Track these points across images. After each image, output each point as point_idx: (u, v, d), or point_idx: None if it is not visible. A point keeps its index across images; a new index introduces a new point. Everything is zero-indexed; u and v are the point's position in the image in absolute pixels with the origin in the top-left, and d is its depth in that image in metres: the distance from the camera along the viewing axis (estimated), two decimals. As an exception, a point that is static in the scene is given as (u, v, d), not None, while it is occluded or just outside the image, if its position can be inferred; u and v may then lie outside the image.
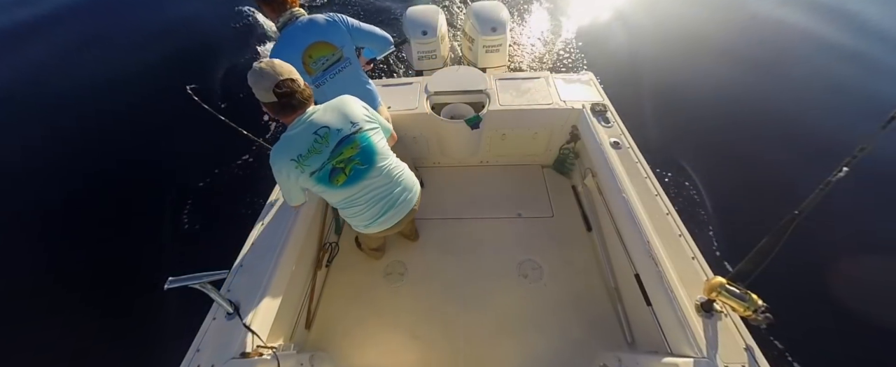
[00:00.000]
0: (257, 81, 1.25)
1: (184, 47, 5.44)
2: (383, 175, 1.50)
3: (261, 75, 1.25)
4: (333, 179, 1.39)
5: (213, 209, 3.46)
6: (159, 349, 2.54)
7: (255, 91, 1.28)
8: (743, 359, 1.21)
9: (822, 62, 4.86)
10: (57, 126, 4.37)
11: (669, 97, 4.50)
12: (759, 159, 3.68)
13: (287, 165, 1.34)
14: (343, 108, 1.42)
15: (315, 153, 1.33)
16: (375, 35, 1.92)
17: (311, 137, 1.33)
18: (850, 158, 0.95)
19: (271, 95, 1.25)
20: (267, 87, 1.24)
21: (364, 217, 1.56)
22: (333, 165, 1.37)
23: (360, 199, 1.50)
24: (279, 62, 1.27)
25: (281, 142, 1.36)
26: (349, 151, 1.38)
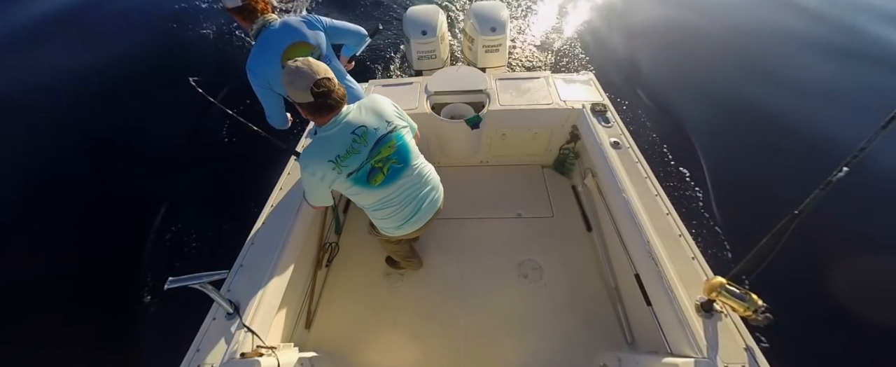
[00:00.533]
0: (293, 81, 1.20)
1: (183, 46, 5.43)
2: (416, 174, 1.48)
3: (297, 74, 1.20)
4: (372, 180, 1.36)
5: (213, 209, 3.46)
6: (159, 349, 2.53)
7: (289, 91, 1.23)
8: (743, 359, 1.21)
9: (822, 62, 4.86)
10: (56, 125, 4.36)
11: (670, 97, 4.50)
12: (759, 159, 3.68)
13: (323, 167, 1.29)
14: (376, 107, 1.39)
15: (354, 153, 1.30)
16: (349, 30, 1.95)
17: (349, 138, 1.30)
18: (850, 158, 0.95)
19: (308, 95, 1.20)
20: (304, 86, 1.19)
21: (397, 218, 1.52)
22: (372, 164, 1.34)
23: (394, 199, 1.46)
24: (314, 61, 1.23)
25: (316, 144, 1.31)
26: (386, 151, 1.36)
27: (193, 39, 5.44)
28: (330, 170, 1.29)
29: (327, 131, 1.29)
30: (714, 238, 2.96)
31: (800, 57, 4.99)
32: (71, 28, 5.95)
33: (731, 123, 4.08)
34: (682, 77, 4.80)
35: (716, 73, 4.86)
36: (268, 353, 1.34)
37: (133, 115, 4.44)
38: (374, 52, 5.50)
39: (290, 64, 1.21)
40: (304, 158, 1.33)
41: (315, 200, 1.47)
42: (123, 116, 4.45)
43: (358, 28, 1.98)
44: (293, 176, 2.10)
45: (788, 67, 4.83)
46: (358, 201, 1.48)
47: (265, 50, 1.67)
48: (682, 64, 5.04)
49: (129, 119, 4.40)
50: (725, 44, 5.38)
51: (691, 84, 4.68)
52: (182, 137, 4.03)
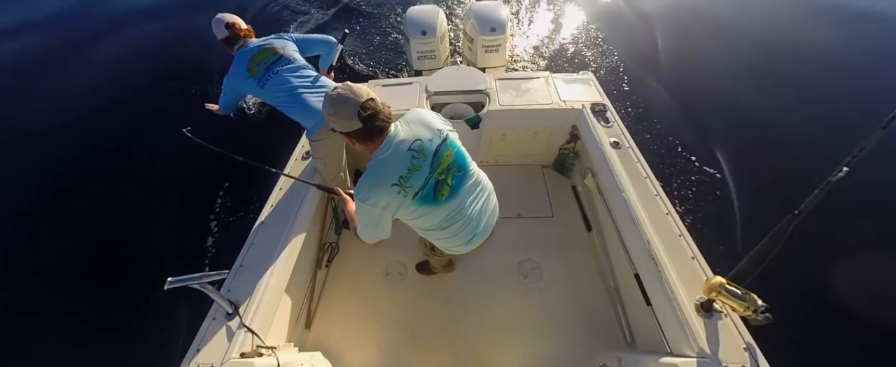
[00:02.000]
0: (339, 111, 1.11)
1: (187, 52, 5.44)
2: (474, 180, 1.38)
3: (342, 102, 1.10)
4: (438, 195, 1.25)
5: (213, 210, 3.46)
6: (159, 349, 2.53)
7: (335, 122, 1.14)
8: (743, 359, 1.21)
9: (823, 62, 4.86)
10: (57, 126, 4.37)
11: (670, 96, 4.50)
12: (759, 159, 3.67)
13: (387, 194, 1.18)
14: (422, 118, 1.29)
15: (416, 170, 1.20)
16: (318, 40, 2.18)
17: (407, 155, 1.19)
18: (850, 158, 0.95)
19: (356, 122, 1.11)
20: (350, 113, 1.10)
21: (467, 232, 1.39)
22: (436, 178, 1.24)
23: (461, 212, 1.34)
24: (354, 84, 1.15)
25: (373, 171, 1.19)
26: (446, 160, 1.27)
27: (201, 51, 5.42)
28: (395, 195, 1.18)
29: (382, 155, 1.19)
30: (714, 238, 2.96)
31: (801, 57, 4.98)
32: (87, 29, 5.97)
33: (731, 122, 4.08)
34: (682, 76, 4.80)
35: (716, 72, 4.86)
36: (268, 353, 1.34)
37: (134, 118, 4.44)
38: (374, 52, 5.51)
39: (329, 94, 1.13)
40: (364, 190, 1.19)
41: (374, 235, 1.30)
42: (124, 118, 4.46)
43: (326, 37, 2.19)
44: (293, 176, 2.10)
45: (789, 66, 4.83)
46: (423, 224, 1.34)
47: (237, 64, 1.96)
48: (682, 63, 5.04)
49: (130, 122, 4.40)
50: (726, 42, 5.38)
51: (692, 83, 4.68)
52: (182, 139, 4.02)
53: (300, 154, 2.24)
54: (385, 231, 1.31)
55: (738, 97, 4.41)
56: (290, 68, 1.99)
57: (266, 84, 1.94)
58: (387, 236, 1.32)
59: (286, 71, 1.97)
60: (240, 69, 1.94)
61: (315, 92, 2.00)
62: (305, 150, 2.24)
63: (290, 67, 1.99)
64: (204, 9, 6.05)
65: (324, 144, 2.03)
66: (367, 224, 1.28)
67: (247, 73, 1.93)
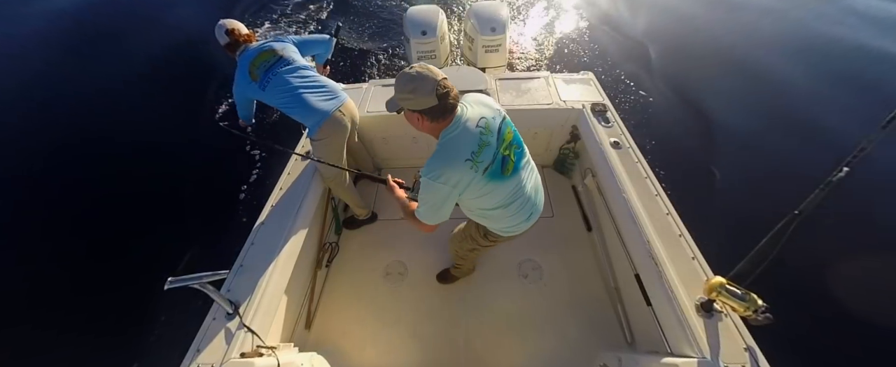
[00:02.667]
0: (418, 87, 1.13)
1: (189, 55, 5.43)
2: (528, 158, 1.42)
3: (422, 79, 1.12)
4: (505, 169, 1.28)
5: (213, 210, 3.46)
6: (159, 349, 2.54)
7: (410, 99, 1.15)
8: (743, 359, 1.21)
9: (823, 62, 4.86)
10: (58, 126, 4.36)
11: (670, 96, 4.50)
12: (759, 159, 3.67)
13: (461, 170, 1.19)
14: (480, 99, 1.34)
15: (486, 146, 1.23)
16: (316, 40, 2.25)
17: (476, 132, 1.22)
18: (850, 158, 0.95)
19: (433, 98, 1.13)
20: (429, 90, 1.12)
21: (525, 210, 1.43)
22: (503, 153, 1.28)
23: (523, 188, 1.38)
24: (426, 64, 1.18)
25: (445, 149, 1.21)
26: (508, 136, 1.32)
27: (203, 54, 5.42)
28: (468, 170, 1.20)
29: (451, 133, 1.21)
30: (714, 238, 2.95)
31: (802, 57, 4.98)
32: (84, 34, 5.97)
33: (731, 121, 4.08)
34: (682, 77, 4.80)
35: (717, 72, 4.86)
36: (268, 353, 1.34)
37: (134, 118, 4.44)
38: (374, 51, 5.51)
39: (406, 73, 1.15)
40: (436, 168, 1.20)
41: (438, 216, 1.31)
42: (124, 118, 4.46)
43: (322, 36, 2.28)
44: (293, 176, 2.10)
45: (790, 66, 4.83)
46: (488, 203, 1.35)
47: (240, 67, 1.99)
48: (682, 63, 5.04)
49: (130, 122, 4.40)
50: (727, 42, 5.38)
51: (692, 83, 4.67)
52: (182, 139, 4.03)
53: (301, 154, 2.24)
54: (447, 213, 1.32)
55: (738, 97, 4.42)
56: (290, 69, 2.01)
57: (267, 86, 1.97)
58: (447, 218, 1.33)
59: (286, 72, 1.99)
60: (242, 74, 1.99)
61: (315, 91, 2.01)
62: (306, 150, 2.24)
63: (290, 67, 2.01)
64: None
65: (325, 144, 2.03)
66: (432, 205, 1.28)
67: (249, 77, 1.97)
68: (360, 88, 2.64)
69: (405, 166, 2.82)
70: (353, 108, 2.16)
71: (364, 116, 2.38)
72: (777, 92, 4.45)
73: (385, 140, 2.60)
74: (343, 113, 2.04)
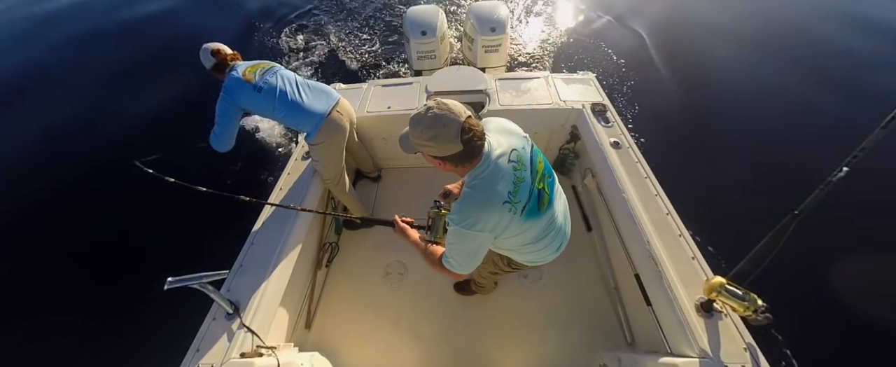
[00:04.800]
0: (439, 134, 0.96)
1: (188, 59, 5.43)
2: (559, 186, 1.31)
3: (442, 126, 0.95)
4: (541, 204, 1.16)
5: (213, 210, 3.46)
6: (159, 349, 2.53)
7: (431, 147, 0.99)
8: (743, 359, 1.21)
9: (824, 61, 4.86)
10: (59, 125, 4.36)
11: (671, 96, 4.50)
12: (759, 159, 3.67)
13: (497, 214, 1.06)
14: (504, 126, 1.21)
15: (522, 182, 1.09)
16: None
17: (509, 168, 1.08)
18: (851, 158, 0.95)
19: (458, 144, 0.97)
20: (454, 135, 0.95)
21: (558, 238, 1.29)
22: (538, 186, 1.15)
23: (555, 221, 1.25)
24: (447, 101, 1.00)
25: (478, 192, 1.05)
26: (540, 167, 1.19)
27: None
28: (506, 213, 1.06)
29: (482, 174, 1.06)
30: (714, 238, 2.96)
31: (802, 56, 4.98)
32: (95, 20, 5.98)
33: (731, 121, 4.08)
34: (683, 76, 4.79)
35: (717, 71, 4.85)
36: (268, 353, 1.34)
37: (135, 118, 4.44)
38: (374, 51, 5.51)
39: (423, 117, 0.97)
40: (470, 214, 1.05)
41: (474, 263, 1.16)
42: (125, 119, 4.46)
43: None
44: (293, 176, 2.10)
45: (791, 66, 4.83)
46: (521, 240, 1.20)
47: (231, 79, 1.92)
48: (682, 63, 5.03)
49: (132, 122, 4.40)
50: (727, 42, 5.38)
51: (692, 83, 4.67)
52: (182, 139, 4.02)
53: (300, 154, 2.24)
54: (482, 258, 1.17)
55: (738, 97, 4.41)
56: (283, 74, 2.00)
57: (263, 89, 1.92)
58: (480, 262, 1.18)
59: (280, 77, 1.98)
60: (234, 81, 1.90)
61: (308, 93, 2.00)
62: (305, 150, 2.24)
63: (283, 72, 2.01)
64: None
65: (324, 147, 2.01)
66: (467, 254, 1.12)
67: (242, 79, 1.91)
68: (359, 88, 2.64)
69: (405, 166, 2.82)
70: (349, 107, 2.15)
71: (364, 116, 2.38)
72: (778, 92, 4.45)
73: (385, 140, 2.60)
74: (340, 113, 2.03)
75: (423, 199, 2.53)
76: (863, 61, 4.78)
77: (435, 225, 1.35)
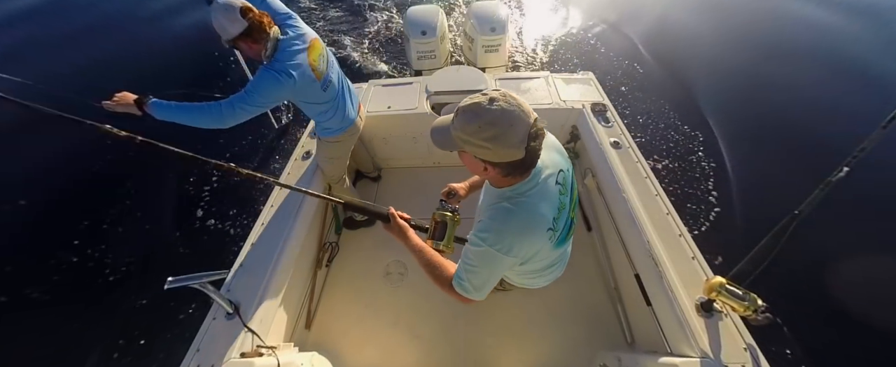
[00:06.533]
0: (504, 134, 0.76)
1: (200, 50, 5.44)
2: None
3: (509, 124, 0.75)
4: (569, 235, 1.04)
5: (214, 210, 3.46)
6: (159, 349, 2.53)
7: (488, 148, 0.78)
8: (743, 359, 1.21)
9: (824, 61, 4.86)
10: (60, 125, 4.36)
11: (671, 96, 4.50)
12: (759, 158, 3.67)
13: (539, 241, 0.92)
14: (554, 141, 1.03)
15: (563, 208, 0.96)
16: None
17: (555, 190, 0.93)
18: (851, 158, 0.95)
19: (520, 151, 0.78)
20: (519, 139, 0.76)
21: (557, 271, 1.24)
22: (571, 215, 1.02)
23: (568, 250, 1.18)
24: (514, 95, 0.79)
25: (522, 212, 0.88)
26: (576, 192, 1.05)
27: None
28: (546, 241, 0.92)
29: (528, 190, 0.89)
30: (714, 238, 2.96)
31: (803, 56, 4.98)
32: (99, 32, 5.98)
33: (732, 121, 4.08)
34: (683, 76, 4.80)
35: (717, 71, 4.86)
36: (268, 353, 1.34)
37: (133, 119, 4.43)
38: (373, 51, 5.51)
39: (480, 108, 0.76)
40: (506, 237, 0.87)
41: (487, 291, 0.98)
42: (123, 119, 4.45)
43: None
44: (293, 176, 2.09)
45: (791, 66, 4.83)
46: (531, 267, 1.08)
47: (285, 59, 1.49)
48: (682, 63, 5.04)
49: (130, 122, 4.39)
50: (727, 42, 5.38)
51: (693, 83, 4.67)
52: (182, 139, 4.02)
53: (300, 154, 2.24)
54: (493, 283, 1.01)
55: (738, 97, 4.42)
56: (337, 67, 1.77)
57: (328, 88, 1.64)
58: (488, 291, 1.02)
59: (336, 71, 1.74)
60: (303, 73, 1.51)
61: (350, 95, 1.89)
62: (305, 149, 2.23)
63: (334, 62, 1.75)
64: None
65: (339, 146, 1.94)
66: (487, 279, 0.94)
67: (309, 73, 1.55)
68: (360, 88, 2.64)
69: (405, 166, 2.82)
70: (362, 110, 2.11)
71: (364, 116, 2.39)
72: (778, 92, 4.45)
73: (385, 140, 2.60)
74: (361, 118, 1.98)
75: (422, 199, 2.54)
76: (865, 60, 4.78)
77: (442, 230, 1.16)
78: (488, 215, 0.92)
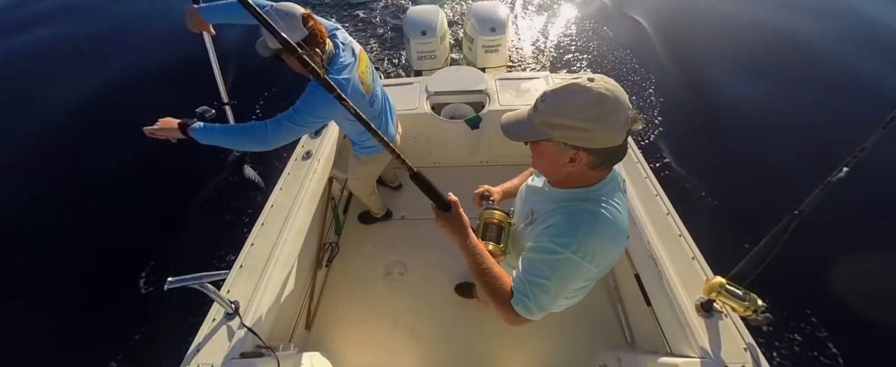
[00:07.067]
0: (609, 113, 0.70)
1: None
2: None
3: (615, 105, 0.70)
4: None
5: (213, 209, 3.46)
6: (159, 349, 2.53)
7: (588, 129, 0.71)
8: (743, 359, 1.21)
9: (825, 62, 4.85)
10: (60, 124, 4.37)
11: (671, 95, 4.50)
12: (759, 159, 3.67)
13: (617, 253, 0.84)
14: None
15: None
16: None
17: (623, 196, 0.88)
18: (851, 158, 0.95)
19: (622, 134, 0.73)
20: (622, 121, 0.71)
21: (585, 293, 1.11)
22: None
23: None
24: (606, 78, 0.74)
25: (606, 214, 0.79)
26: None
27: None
28: (619, 251, 0.85)
29: (612, 193, 0.83)
30: (714, 238, 2.95)
31: (803, 57, 4.98)
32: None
33: (731, 121, 4.08)
34: (682, 76, 4.80)
35: (717, 72, 4.86)
36: (268, 353, 1.34)
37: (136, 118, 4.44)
38: (374, 52, 5.51)
39: (579, 88, 0.72)
40: (589, 241, 0.77)
41: (554, 303, 0.87)
42: (127, 119, 4.46)
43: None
44: (293, 176, 2.09)
45: (791, 66, 4.83)
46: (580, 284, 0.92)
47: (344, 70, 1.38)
48: (682, 63, 5.03)
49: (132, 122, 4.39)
50: (727, 42, 5.38)
51: (692, 83, 4.67)
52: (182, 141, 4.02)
53: (300, 154, 2.23)
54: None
55: (738, 97, 4.41)
56: (379, 81, 1.68)
57: (374, 103, 1.55)
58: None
59: (380, 86, 1.64)
60: (356, 90, 1.42)
61: (392, 113, 1.82)
62: (306, 149, 2.22)
63: (377, 76, 1.66)
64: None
65: (377, 163, 1.90)
66: (555, 295, 0.82)
67: (360, 88, 1.45)
68: None
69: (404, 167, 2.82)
70: (400, 125, 2.03)
71: None
72: (779, 92, 4.45)
73: None
74: (399, 134, 1.92)
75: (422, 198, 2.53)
76: (865, 61, 4.78)
77: (497, 232, 1.00)
78: (564, 218, 0.80)
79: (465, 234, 0.92)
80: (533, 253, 0.83)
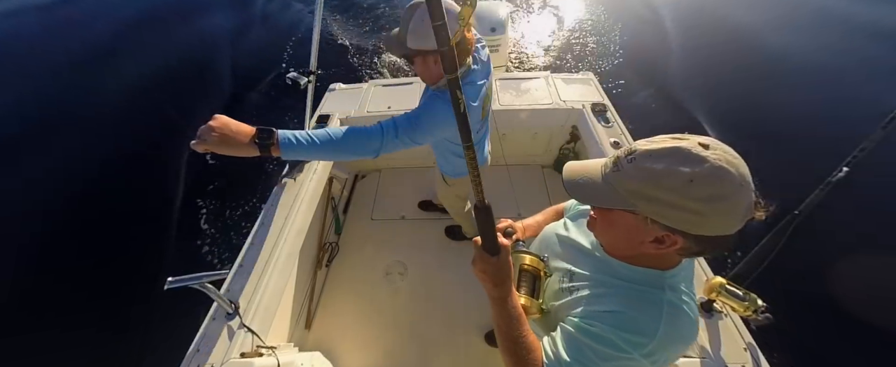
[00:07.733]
0: (726, 198, 0.54)
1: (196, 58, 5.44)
2: None
3: (738, 187, 0.54)
4: None
5: (213, 210, 3.46)
6: (159, 349, 2.53)
7: (704, 215, 0.54)
8: (743, 359, 1.21)
9: (823, 62, 4.86)
10: (60, 125, 4.37)
11: (671, 95, 4.50)
12: (759, 159, 3.67)
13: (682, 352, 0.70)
14: None
15: None
16: None
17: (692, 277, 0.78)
18: (851, 158, 0.95)
19: (735, 227, 0.56)
20: (747, 206, 0.55)
21: None
22: None
23: None
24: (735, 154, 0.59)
25: (691, 315, 0.68)
26: None
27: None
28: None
29: (687, 277, 0.71)
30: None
31: (803, 57, 4.98)
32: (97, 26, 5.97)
33: (731, 122, 4.08)
34: (682, 76, 4.80)
35: (717, 72, 4.86)
36: (268, 353, 1.34)
37: (136, 118, 4.45)
38: (373, 51, 5.51)
39: (701, 156, 0.55)
40: (668, 352, 0.64)
41: None
42: (127, 119, 4.46)
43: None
44: (293, 176, 2.09)
45: (791, 66, 4.83)
46: None
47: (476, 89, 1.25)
48: (682, 63, 5.04)
49: (133, 123, 4.40)
50: (727, 42, 5.38)
51: (692, 83, 4.67)
52: (181, 140, 4.03)
53: None
54: None
55: (738, 97, 4.42)
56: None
57: (484, 124, 1.47)
58: None
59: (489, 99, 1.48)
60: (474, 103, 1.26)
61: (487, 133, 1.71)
62: None
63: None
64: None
65: (465, 183, 1.75)
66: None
67: (481, 108, 1.32)
68: (359, 88, 2.64)
69: (404, 167, 2.82)
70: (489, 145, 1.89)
71: (364, 116, 2.38)
72: (779, 92, 4.45)
73: None
74: (488, 155, 1.86)
75: (422, 199, 2.54)
76: (866, 61, 4.78)
77: (530, 283, 0.82)
78: (631, 307, 0.64)
79: (507, 289, 0.73)
80: (583, 336, 0.65)
